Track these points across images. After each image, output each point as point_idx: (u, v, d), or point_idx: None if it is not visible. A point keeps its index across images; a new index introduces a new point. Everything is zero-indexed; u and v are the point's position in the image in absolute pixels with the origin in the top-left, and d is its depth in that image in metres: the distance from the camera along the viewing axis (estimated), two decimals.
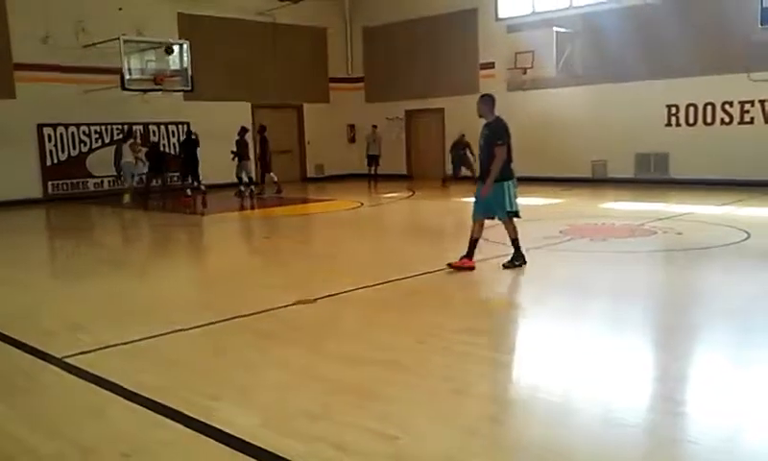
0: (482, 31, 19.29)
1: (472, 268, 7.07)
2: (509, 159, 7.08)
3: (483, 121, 7.24)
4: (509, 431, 3.39)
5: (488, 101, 7.16)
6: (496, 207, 7.12)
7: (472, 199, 7.39)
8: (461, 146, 17.71)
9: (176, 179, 17.91)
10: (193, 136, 16.80)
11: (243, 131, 16.98)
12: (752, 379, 3.99)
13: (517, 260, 7.18)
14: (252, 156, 17.43)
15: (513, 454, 3.14)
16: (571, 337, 5.03)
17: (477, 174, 7.71)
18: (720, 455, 3.10)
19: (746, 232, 9.02)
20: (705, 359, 4.57)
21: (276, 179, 17.23)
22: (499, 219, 7.25)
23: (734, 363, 4.37)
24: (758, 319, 5.28)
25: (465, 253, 7.13)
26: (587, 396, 3.83)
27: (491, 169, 6.95)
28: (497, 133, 7.01)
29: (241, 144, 16.82)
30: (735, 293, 6.15)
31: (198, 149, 16.70)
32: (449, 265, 7.10)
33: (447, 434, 3.31)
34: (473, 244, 7.15)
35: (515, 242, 7.21)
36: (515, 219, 7.22)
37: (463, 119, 19.65)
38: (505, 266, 7.19)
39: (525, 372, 4.33)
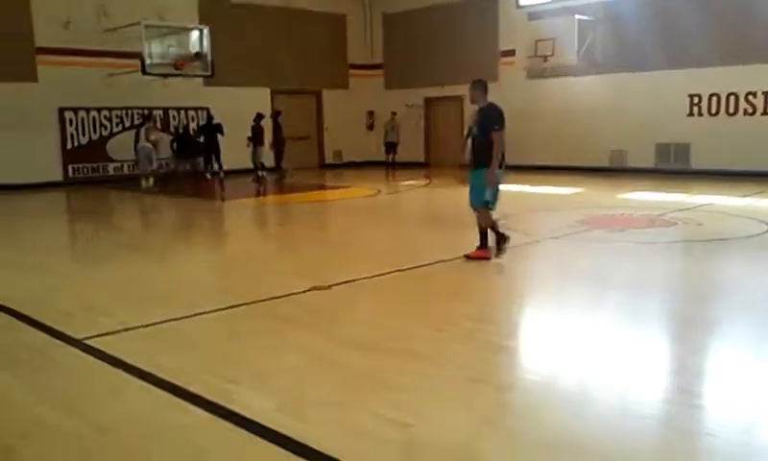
0: (502, 18, 19.13)
1: (488, 257, 7.01)
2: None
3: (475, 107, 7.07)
4: (524, 421, 3.39)
5: (480, 86, 6.93)
6: (475, 193, 6.91)
7: (502, 187, 7.19)
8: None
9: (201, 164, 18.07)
10: (214, 122, 16.86)
11: (259, 117, 17.01)
12: None
13: (502, 242, 6.97)
14: (266, 142, 17.41)
15: (527, 444, 3.14)
16: (589, 328, 5.01)
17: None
18: (737, 448, 3.09)
19: (767, 224, 8.91)
20: (722, 352, 4.53)
21: (283, 165, 17.23)
22: (472, 206, 7.04)
23: (753, 356, 4.33)
24: None
25: (478, 243, 7.06)
26: (603, 386, 3.82)
27: (491, 155, 6.70)
28: (492, 117, 6.77)
29: (256, 130, 16.87)
30: (756, 285, 6.09)
31: (219, 134, 16.81)
32: (466, 256, 7.03)
33: (462, 422, 3.32)
34: (485, 233, 7.03)
35: (484, 232, 7.02)
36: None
37: None
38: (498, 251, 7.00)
39: (541, 361, 4.32)
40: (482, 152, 6.79)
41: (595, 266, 7.14)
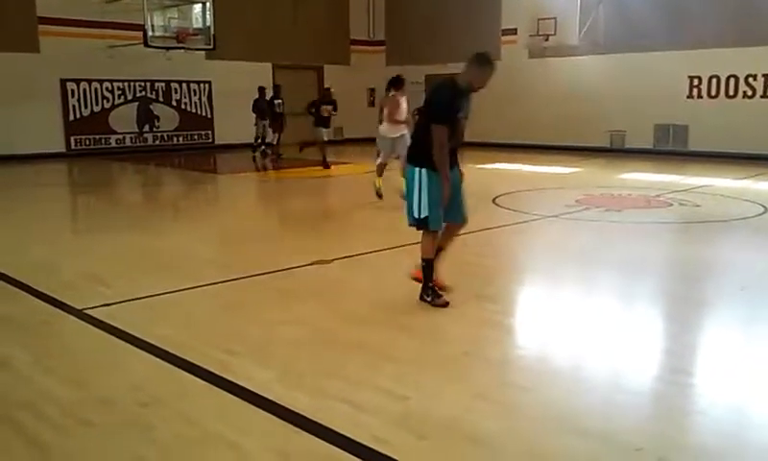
0: None
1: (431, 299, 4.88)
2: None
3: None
4: (518, 396, 3.48)
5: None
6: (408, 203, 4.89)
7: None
8: None
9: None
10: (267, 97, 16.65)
11: (261, 90, 16.92)
12: (761, 354, 4.05)
13: (427, 295, 4.84)
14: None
15: (521, 418, 3.23)
16: (583, 305, 5.10)
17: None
18: (727, 426, 3.18)
19: (763, 207, 8.98)
20: (714, 332, 4.62)
21: (274, 141, 17.05)
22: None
23: (744, 337, 4.41)
24: None
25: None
26: (597, 364, 3.92)
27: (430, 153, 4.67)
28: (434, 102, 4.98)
29: (261, 104, 16.80)
30: (750, 267, 6.16)
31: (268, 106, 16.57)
32: (413, 277, 5.10)
33: (457, 397, 3.41)
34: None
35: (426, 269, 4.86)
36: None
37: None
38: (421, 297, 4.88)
39: (536, 339, 4.41)
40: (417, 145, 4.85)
41: (591, 245, 7.22)
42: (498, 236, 7.49)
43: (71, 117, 17.00)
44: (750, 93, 15.03)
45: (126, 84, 17.73)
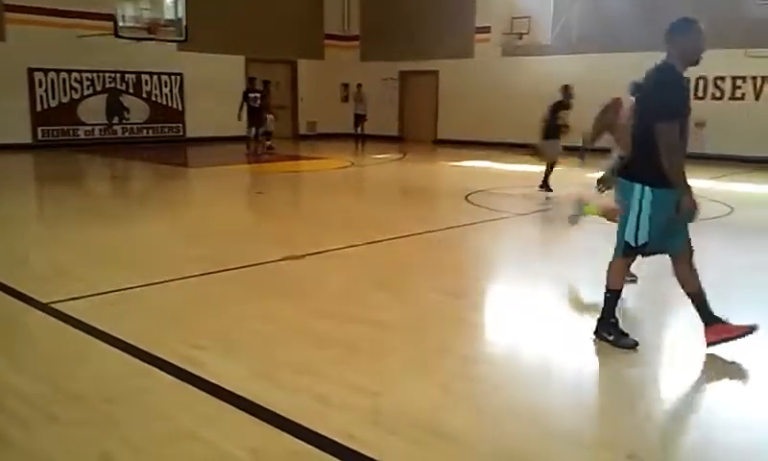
0: None
1: (735, 335, 3.93)
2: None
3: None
4: (488, 391, 3.50)
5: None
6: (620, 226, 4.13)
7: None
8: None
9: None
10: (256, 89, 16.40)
11: (265, 84, 16.67)
12: (729, 354, 4.12)
13: (609, 333, 4.06)
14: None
15: (490, 413, 3.25)
16: (553, 303, 5.15)
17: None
18: (693, 426, 3.24)
19: (729, 207, 9.15)
20: (682, 331, 4.68)
21: (251, 135, 16.88)
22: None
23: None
24: (735, 292, 5.41)
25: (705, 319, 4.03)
26: (564, 361, 3.95)
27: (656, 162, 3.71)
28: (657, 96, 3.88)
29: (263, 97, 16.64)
30: (715, 266, 6.26)
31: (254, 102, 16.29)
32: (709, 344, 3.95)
33: (428, 392, 3.42)
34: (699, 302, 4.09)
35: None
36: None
37: (457, 82, 19.67)
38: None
39: (507, 335, 4.44)
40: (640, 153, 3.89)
41: (561, 243, 7.29)
42: (470, 233, 7.52)
43: (38, 108, 16.68)
44: (718, 95, 15.30)
45: (95, 74, 17.45)
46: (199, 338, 4.08)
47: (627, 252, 4.08)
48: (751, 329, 3.88)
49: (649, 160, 3.72)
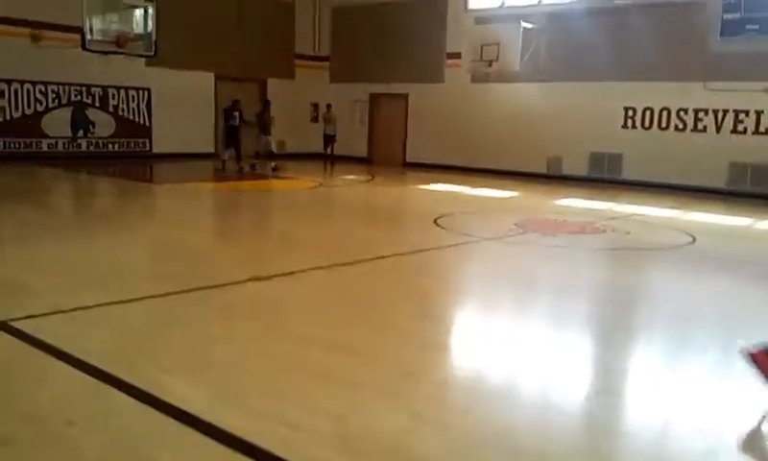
0: (451, 19, 19.38)
1: None
2: None
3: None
4: (455, 416, 3.48)
5: None
6: None
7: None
8: None
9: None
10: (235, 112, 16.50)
11: (265, 104, 16.81)
12: (685, 378, 4.18)
13: None
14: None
15: (457, 438, 3.23)
16: (520, 327, 5.17)
17: None
18: (652, 448, 3.26)
19: (692, 237, 9.33)
20: (643, 357, 4.75)
21: (225, 156, 16.89)
22: None
23: (671, 362, 4.55)
24: (697, 322, 5.50)
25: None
26: (532, 385, 3.96)
27: None
28: None
29: (262, 117, 16.73)
30: (677, 296, 6.38)
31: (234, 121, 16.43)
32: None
33: (396, 417, 3.39)
34: None
35: None
36: None
37: (427, 106, 19.85)
38: None
39: (475, 359, 4.44)
40: None
41: (528, 268, 7.35)
42: (439, 257, 7.54)
43: (0, 118, 16.34)
44: (681, 127, 15.67)
45: (61, 87, 17.18)
46: (163, 360, 4.00)
47: None
48: None
49: None
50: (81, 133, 17.61)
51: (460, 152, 18.99)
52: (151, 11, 16.77)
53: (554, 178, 17.39)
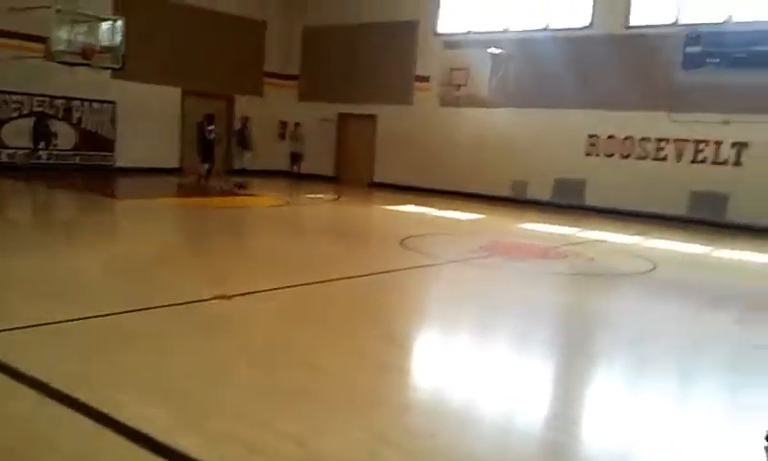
0: (420, 43, 19.55)
1: None
2: None
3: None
4: (420, 439, 3.46)
5: None
6: None
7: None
8: None
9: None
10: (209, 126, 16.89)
11: (244, 120, 17.36)
12: (646, 405, 4.22)
13: None
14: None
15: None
16: (483, 351, 5.18)
17: None
18: None
19: (652, 263, 9.49)
20: (603, 382, 4.79)
21: (202, 171, 16.97)
22: None
23: (631, 387, 4.60)
24: (657, 347, 5.57)
25: None
26: (493, 409, 3.96)
27: None
28: None
29: (242, 133, 16.93)
30: (638, 321, 6.47)
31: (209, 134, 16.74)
32: None
33: (359, 440, 3.35)
34: None
35: None
36: None
37: (396, 128, 19.95)
38: None
39: (439, 383, 4.42)
40: None
41: (493, 292, 7.38)
42: (405, 279, 7.53)
43: None
44: (643, 155, 15.99)
45: (24, 97, 16.84)
46: (119, 379, 3.90)
47: None
48: None
49: None
50: (42, 144, 17.26)
51: (427, 173, 19.09)
52: (119, 23, 16.57)
53: (519, 202, 17.58)
